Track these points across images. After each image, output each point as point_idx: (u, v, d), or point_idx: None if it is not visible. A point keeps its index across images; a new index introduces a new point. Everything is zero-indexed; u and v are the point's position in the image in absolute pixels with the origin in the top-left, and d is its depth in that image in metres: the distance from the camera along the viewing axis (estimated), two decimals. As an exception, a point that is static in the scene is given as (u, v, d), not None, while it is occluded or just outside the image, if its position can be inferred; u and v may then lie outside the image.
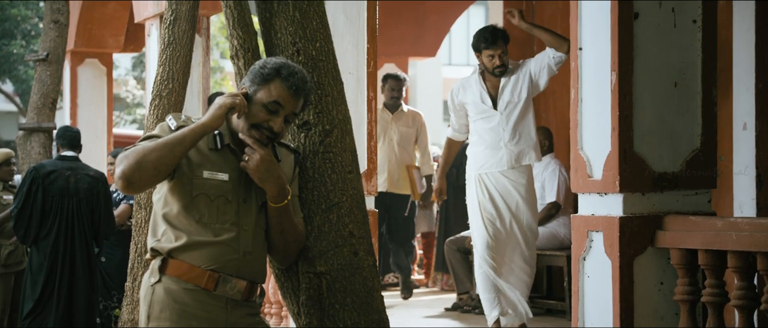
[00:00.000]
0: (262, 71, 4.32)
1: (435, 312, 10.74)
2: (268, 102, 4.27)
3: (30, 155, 11.05)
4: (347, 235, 4.58)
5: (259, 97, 4.29)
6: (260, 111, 4.28)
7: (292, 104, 4.29)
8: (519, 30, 10.63)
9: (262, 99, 4.28)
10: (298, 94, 4.29)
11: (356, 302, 4.56)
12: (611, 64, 4.98)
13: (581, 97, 5.16)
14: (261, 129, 4.28)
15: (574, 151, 5.20)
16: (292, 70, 4.30)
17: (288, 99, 4.28)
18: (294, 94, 4.28)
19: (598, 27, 5.08)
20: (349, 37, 7.30)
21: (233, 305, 4.32)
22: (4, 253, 10.68)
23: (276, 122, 4.28)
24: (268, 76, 4.30)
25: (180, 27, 8.34)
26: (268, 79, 4.29)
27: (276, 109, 4.27)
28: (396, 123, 12.01)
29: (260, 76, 4.31)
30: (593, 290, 5.09)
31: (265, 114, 4.28)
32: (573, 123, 5.21)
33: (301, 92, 4.30)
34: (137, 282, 8.55)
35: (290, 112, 4.31)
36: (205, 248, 4.25)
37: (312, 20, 4.69)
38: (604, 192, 5.05)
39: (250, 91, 4.31)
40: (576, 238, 5.19)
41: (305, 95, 4.34)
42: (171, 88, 8.24)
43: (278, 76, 4.29)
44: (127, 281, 8.80)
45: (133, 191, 4.20)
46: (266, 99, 4.27)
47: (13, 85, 29.72)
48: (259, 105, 4.28)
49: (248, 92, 4.31)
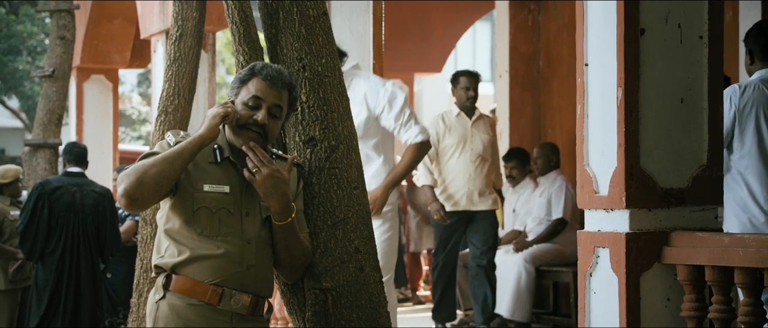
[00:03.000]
0: (238, 76, 4.44)
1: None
2: (248, 99, 4.34)
3: (36, 171, 11.06)
4: (353, 251, 4.58)
5: (240, 99, 4.38)
6: (244, 110, 4.35)
7: (272, 96, 4.34)
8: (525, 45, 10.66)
9: (243, 99, 4.36)
10: (274, 83, 4.34)
11: (362, 317, 4.55)
12: (617, 80, 4.97)
13: (587, 113, 5.15)
14: (249, 127, 4.32)
15: (580, 167, 5.18)
16: (265, 64, 4.41)
17: (266, 91, 4.34)
18: (270, 84, 4.34)
19: (604, 43, 5.07)
20: (355, 53, 7.31)
21: (239, 319, 4.31)
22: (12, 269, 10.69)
23: (259, 115, 4.32)
24: (244, 77, 4.40)
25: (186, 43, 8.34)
26: (245, 80, 4.40)
27: (257, 104, 4.34)
28: (477, 130, 10.23)
29: (238, 80, 4.42)
30: (599, 306, 5.07)
31: (248, 111, 4.33)
32: (579, 139, 5.20)
33: (277, 81, 4.34)
34: (143, 298, 8.55)
35: (273, 104, 4.34)
36: (208, 261, 4.26)
37: (318, 36, 4.69)
38: (610, 208, 5.03)
39: (233, 98, 4.38)
40: (582, 254, 5.17)
41: (285, 87, 4.38)
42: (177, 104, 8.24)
43: (253, 73, 4.39)
44: (133, 297, 8.79)
45: (137, 208, 4.22)
46: (246, 97, 4.36)
47: (19, 101, 29.76)
48: (242, 105, 4.35)
49: (233, 101, 4.36)
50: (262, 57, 4.76)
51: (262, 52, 4.77)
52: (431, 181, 10.20)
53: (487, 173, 10.23)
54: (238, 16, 4.76)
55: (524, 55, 11.99)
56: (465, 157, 10.13)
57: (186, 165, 4.23)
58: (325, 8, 4.81)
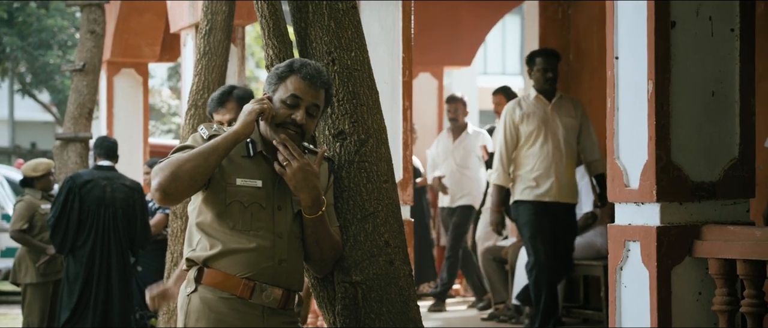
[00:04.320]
0: (276, 72, 4.39)
1: (471, 322, 10.71)
2: (286, 97, 4.31)
3: (67, 165, 11.10)
4: (383, 244, 4.57)
5: (278, 96, 4.35)
6: (281, 108, 4.32)
7: (310, 95, 4.32)
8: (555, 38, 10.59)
9: (281, 96, 4.34)
10: (313, 82, 4.31)
11: (392, 311, 4.55)
12: (648, 73, 4.95)
13: (617, 107, 5.13)
14: (287, 126, 4.31)
15: (611, 160, 5.17)
16: (304, 62, 4.37)
17: (305, 90, 4.31)
18: (310, 83, 4.31)
19: (634, 36, 5.05)
20: (384, 47, 7.30)
21: (270, 313, 4.32)
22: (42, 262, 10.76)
23: (298, 114, 4.30)
24: (282, 74, 4.37)
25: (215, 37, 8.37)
26: (283, 77, 4.36)
27: (296, 103, 4.31)
28: (557, 113, 9.53)
29: (275, 76, 4.38)
30: (630, 300, 5.05)
31: (286, 110, 4.31)
32: (609, 132, 5.18)
33: (316, 81, 4.32)
34: (173, 291, 8.57)
35: (311, 104, 4.33)
36: (240, 255, 4.26)
37: (347, 30, 4.69)
38: (641, 202, 5.02)
39: (270, 93, 4.35)
40: (613, 248, 5.16)
41: (323, 85, 4.36)
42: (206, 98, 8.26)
43: (291, 70, 4.35)
44: (163, 291, 8.81)
45: (170, 202, 4.22)
46: (284, 95, 4.32)
47: (50, 95, 29.92)
48: (279, 103, 4.33)
49: (270, 97, 4.34)
50: (292, 51, 4.76)
51: (291, 46, 4.77)
52: (504, 180, 9.49)
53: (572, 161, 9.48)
54: (268, 9, 4.76)
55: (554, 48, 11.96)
56: (548, 143, 9.36)
57: (221, 161, 4.23)
58: (354, 2, 4.80)
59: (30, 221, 10.95)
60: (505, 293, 10.66)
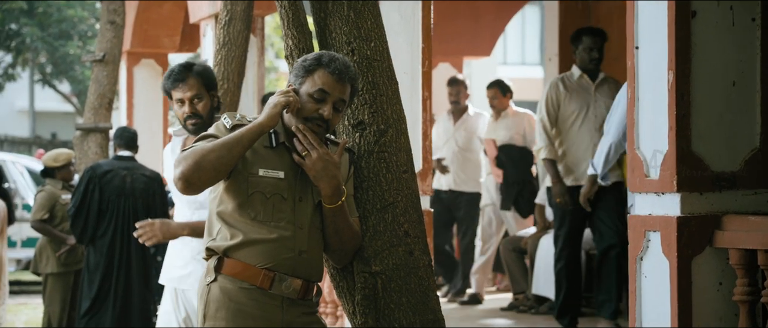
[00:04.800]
0: (303, 64, 4.38)
1: (491, 312, 10.70)
2: (313, 91, 4.30)
3: (87, 155, 11.12)
4: (402, 235, 4.57)
5: (304, 89, 4.34)
6: (308, 102, 4.31)
7: (338, 90, 4.32)
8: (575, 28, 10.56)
9: (308, 90, 4.33)
10: (341, 78, 4.31)
11: (411, 301, 4.55)
12: (668, 63, 4.94)
13: (638, 97, 5.12)
14: (312, 120, 4.30)
15: (631, 150, 5.15)
16: (332, 57, 4.36)
17: (333, 85, 4.31)
18: (338, 78, 4.31)
19: (654, 25, 5.03)
20: (404, 37, 7.29)
21: (289, 303, 4.33)
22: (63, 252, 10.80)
23: (325, 110, 4.30)
24: (310, 67, 4.35)
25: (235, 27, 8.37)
26: (310, 70, 4.34)
27: (323, 97, 4.31)
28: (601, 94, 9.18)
29: (303, 69, 4.37)
30: (651, 290, 5.04)
31: (313, 104, 4.31)
32: (630, 122, 5.17)
33: (344, 76, 4.32)
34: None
35: (338, 99, 4.33)
36: (261, 245, 4.27)
37: (366, 20, 4.69)
38: (661, 192, 5.00)
39: (296, 85, 4.34)
40: (633, 238, 5.14)
41: (350, 81, 4.36)
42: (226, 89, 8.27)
43: (320, 64, 4.34)
44: (183, 281, 8.84)
45: (193, 192, 4.23)
46: (312, 89, 4.31)
47: (71, 85, 30.02)
48: (306, 97, 4.32)
49: (296, 89, 4.34)
50: (311, 41, 4.75)
51: (310, 37, 4.77)
52: (553, 153, 9.08)
53: None
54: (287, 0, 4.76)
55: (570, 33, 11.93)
56: (588, 125, 9.02)
57: (244, 152, 4.23)
58: (374, -8, 4.80)
59: (51, 211, 10.99)
60: (524, 284, 10.66)
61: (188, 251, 5.92)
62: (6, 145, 29.01)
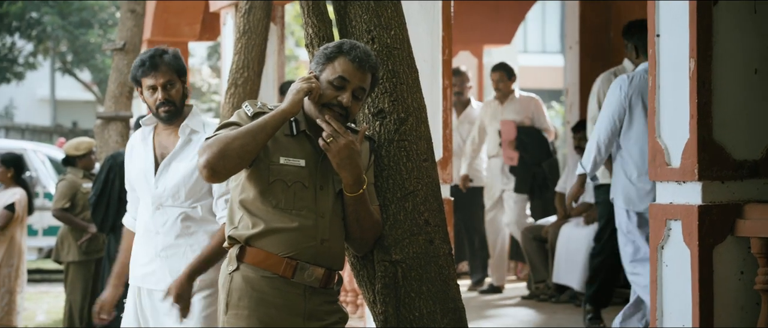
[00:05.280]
0: (325, 51, 4.38)
1: (511, 301, 10.70)
2: (333, 78, 4.31)
3: (107, 144, 11.16)
4: (423, 223, 4.57)
5: (325, 76, 4.34)
6: (328, 89, 4.32)
7: (358, 78, 4.32)
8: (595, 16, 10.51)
9: (328, 77, 4.33)
10: (362, 66, 4.31)
11: (432, 290, 4.55)
12: (690, 51, 4.92)
13: (659, 85, 5.10)
14: (332, 107, 4.31)
15: (652, 138, 5.14)
16: (353, 45, 4.36)
17: (353, 72, 4.31)
18: (358, 66, 4.31)
19: (676, 13, 5.02)
20: (424, 25, 7.28)
21: (311, 292, 4.33)
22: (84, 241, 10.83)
23: (344, 97, 4.31)
24: (331, 55, 4.36)
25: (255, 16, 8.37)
26: (331, 58, 4.35)
27: (342, 85, 4.32)
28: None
29: (324, 56, 4.37)
30: (672, 279, 5.03)
31: (332, 91, 4.31)
32: (650, 110, 5.15)
33: (365, 64, 4.32)
34: (214, 270, 8.60)
35: (358, 87, 4.33)
36: (283, 234, 4.28)
37: (387, 8, 4.68)
38: (682, 180, 4.99)
39: (317, 72, 4.35)
40: (654, 227, 5.13)
41: (371, 69, 4.36)
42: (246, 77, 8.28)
43: (340, 52, 4.35)
44: (204, 269, 8.85)
45: (218, 179, 4.24)
46: (332, 76, 4.32)
47: (91, 74, 30.11)
48: (326, 83, 4.33)
49: (316, 75, 4.34)
50: (331, 29, 4.75)
51: (330, 25, 4.76)
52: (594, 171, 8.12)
53: None
54: (308, -12, 4.75)
55: (594, 25, 11.89)
56: None
57: (268, 139, 4.24)
58: (394, -20, 4.79)
59: (72, 199, 11.02)
60: (545, 272, 10.64)
61: (152, 248, 5.56)
62: (27, 133, 29.11)
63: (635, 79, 7.47)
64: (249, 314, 4.28)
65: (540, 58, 36.95)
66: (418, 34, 7.10)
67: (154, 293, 5.55)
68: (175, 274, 5.43)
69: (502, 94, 11.41)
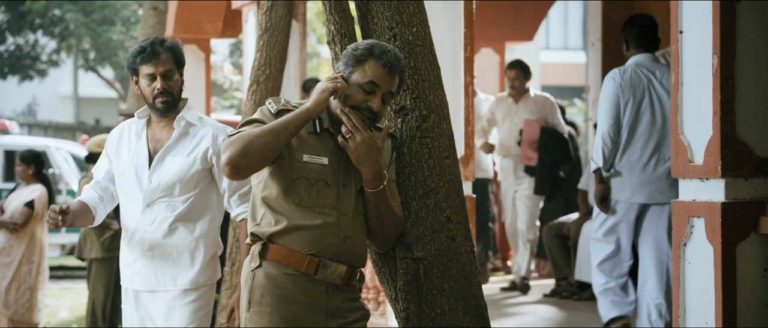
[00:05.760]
0: (354, 53, 4.34)
1: (533, 298, 10.68)
2: (364, 82, 4.28)
3: (130, 141, 11.17)
4: (445, 220, 4.57)
5: (354, 79, 4.31)
6: (357, 92, 4.30)
7: (387, 83, 4.30)
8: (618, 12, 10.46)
9: (358, 80, 4.30)
10: (392, 71, 4.30)
11: (454, 287, 4.55)
12: (713, 48, 4.91)
13: (682, 81, 5.09)
14: (360, 110, 4.29)
15: (675, 135, 5.13)
16: (384, 49, 4.32)
17: (383, 77, 4.29)
18: (389, 71, 4.29)
19: (699, 10, 5.00)
20: (446, 22, 7.27)
21: (334, 289, 4.33)
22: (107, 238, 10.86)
23: (374, 102, 4.29)
24: (361, 57, 4.32)
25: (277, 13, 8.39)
26: (361, 60, 4.31)
27: (372, 89, 4.29)
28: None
29: (353, 57, 4.33)
30: (694, 277, 5.02)
31: (362, 95, 4.29)
32: (673, 107, 5.14)
33: (395, 69, 4.30)
34: (235, 267, 8.63)
35: (387, 92, 4.31)
36: (305, 231, 4.27)
37: (409, 5, 4.67)
38: (705, 177, 4.97)
39: (345, 74, 4.32)
40: (677, 224, 5.12)
41: (400, 73, 4.34)
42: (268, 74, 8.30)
43: (371, 55, 4.31)
44: (226, 266, 8.88)
45: (239, 177, 4.23)
46: (362, 79, 4.29)
47: (114, 71, 30.19)
48: (356, 86, 4.30)
49: (344, 76, 4.32)
50: (353, 26, 4.74)
51: (352, 22, 4.76)
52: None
53: None
54: (330, -15, 4.75)
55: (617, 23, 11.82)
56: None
57: (291, 138, 4.23)
58: (416, -23, 4.78)
59: (94, 196, 11.05)
60: (567, 270, 10.61)
61: (139, 247, 5.42)
62: (50, 130, 29.23)
63: (627, 72, 7.66)
64: (272, 311, 4.28)
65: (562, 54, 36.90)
66: (440, 31, 7.10)
67: (140, 295, 5.47)
68: (160, 275, 5.37)
69: (518, 93, 11.32)
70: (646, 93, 7.60)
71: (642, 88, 7.59)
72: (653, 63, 7.74)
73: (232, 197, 5.44)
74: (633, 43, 7.86)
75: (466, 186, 7.06)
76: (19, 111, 35.53)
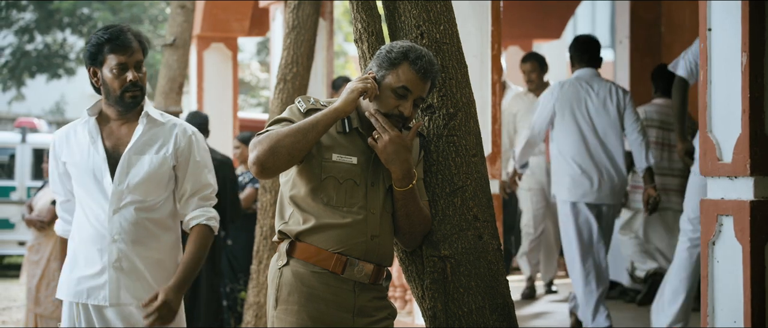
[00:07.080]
0: (389, 56, 4.31)
1: (560, 296, 10.66)
2: (397, 87, 4.26)
3: (158, 139, 11.20)
4: (472, 219, 4.56)
5: (387, 82, 4.29)
6: (389, 96, 4.28)
7: (420, 88, 4.28)
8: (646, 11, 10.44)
9: (391, 84, 4.28)
10: (426, 77, 4.28)
11: (481, 285, 4.54)
12: (742, 45, 4.88)
13: (710, 79, 5.07)
14: (392, 116, 4.28)
15: (703, 133, 5.10)
16: (419, 54, 4.28)
17: (416, 83, 4.27)
18: (422, 77, 4.27)
19: (728, 7, 4.97)
20: (473, 20, 7.27)
21: (361, 288, 4.33)
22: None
23: (406, 107, 4.27)
24: (395, 61, 4.29)
25: (304, 11, 8.40)
26: (395, 64, 4.29)
27: (405, 94, 4.27)
28: None
29: (387, 60, 4.30)
30: (723, 276, 4.99)
31: (394, 99, 4.27)
32: (702, 105, 5.11)
33: (429, 75, 4.29)
34: (262, 265, 8.64)
35: (419, 97, 4.30)
36: (333, 230, 4.27)
37: (436, 3, 4.66)
38: (734, 176, 4.95)
39: (378, 76, 4.30)
40: (705, 222, 5.09)
41: (433, 78, 4.32)
42: (295, 73, 8.31)
43: (406, 59, 4.28)
44: (253, 264, 8.90)
45: (267, 176, 4.23)
46: (395, 84, 4.27)
47: (142, 69, 30.19)
48: (388, 90, 4.28)
49: (376, 77, 4.30)
50: (380, 25, 4.73)
51: (380, 20, 4.75)
52: None
53: None
54: (357, -17, 4.74)
55: (645, 20, 11.82)
56: None
57: (319, 137, 4.22)
58: (444, -25, 4.77)
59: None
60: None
61: (104, 258, 4.95)
62: (78, 129, 29.30)
63: (566, 85, 8.48)
64: (299, 309, 4.28)
65: (591, 53, 36.72)
66: (468, 30, 7.09)
67: (104, 311, 4.98)
68: (129, 290, 4.95)
69: (536, 86, 10.89)
70: (581, 104, 8.36)
71: (578, 100, 8.38)
72: (593, 77, 8.51)
73: (193, 197, 5.09)
74: (576, 59, 8.62)
75: (493, 184, 7.05)
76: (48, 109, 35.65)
